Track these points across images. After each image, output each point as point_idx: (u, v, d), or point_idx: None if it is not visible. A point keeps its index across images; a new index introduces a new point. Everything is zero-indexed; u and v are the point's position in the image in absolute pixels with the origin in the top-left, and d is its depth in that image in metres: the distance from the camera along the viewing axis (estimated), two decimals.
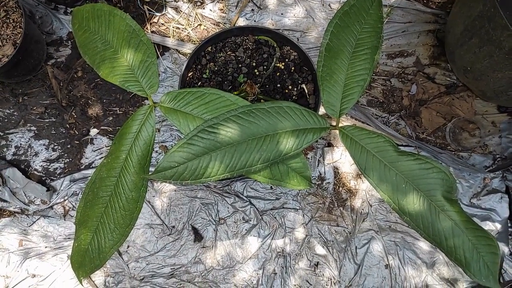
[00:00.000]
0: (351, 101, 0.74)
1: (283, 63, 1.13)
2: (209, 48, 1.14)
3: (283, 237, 1.32)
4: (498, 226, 1.31)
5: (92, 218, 0.76)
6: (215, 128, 0.68)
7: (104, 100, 1.40)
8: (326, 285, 1.29)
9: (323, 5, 1.46)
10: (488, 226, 1.31)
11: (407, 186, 0.68)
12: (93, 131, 1.38)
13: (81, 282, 0.78)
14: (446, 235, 0.66)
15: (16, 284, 1.28)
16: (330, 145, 1.39)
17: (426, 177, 0.68)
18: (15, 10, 1.23)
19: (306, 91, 1.10)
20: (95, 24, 0.78)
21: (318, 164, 1.37)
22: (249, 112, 0.70)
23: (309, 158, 1.38)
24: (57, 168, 1.37)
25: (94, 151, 1.37)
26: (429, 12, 1.44)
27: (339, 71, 0.76)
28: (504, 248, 1.29)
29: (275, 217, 1.33)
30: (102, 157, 1.37)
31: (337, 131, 1.36)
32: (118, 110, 1.40)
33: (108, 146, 1.38)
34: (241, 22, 1.46)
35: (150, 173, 0.69)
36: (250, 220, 1.32)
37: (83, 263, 0.77)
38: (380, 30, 0.79)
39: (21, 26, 1.21)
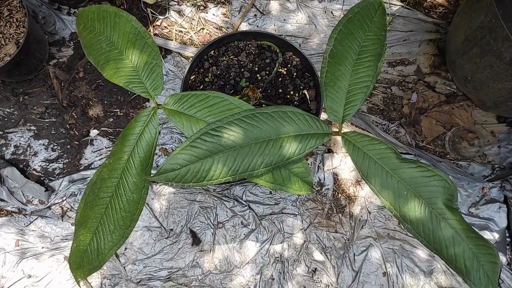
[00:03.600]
0: (354, 107, 0.75)
1: (285, 69, 1.13)
2: (212, 52, 1.15)
3: (281, 243, 1.31)
4: (496, 236, 1.31)
5: (92, 218, 0.76)
6: (219, 131, 0.69)
7: (105, 102, 1.40)
8: None
9: (325, 12, 1.47)
10: (486, 235, 1.31)
11: (409, 193, 0.68)
12: (93, 132, 1.38)
13: (78, 284, 0.77)
14: (447, 243, 0.66)
15: (12, 285, 1.27)
16: (330, 151, 1.39)
17: (427, 185, 0.68)
18: (18, 9, 1.23)
19: (308, 97, 1.10)
20: (101, 25, 0.78)
21: (318, 170, 1.37)
22: (252, 116, 0.70)
23: (309, 163, 1.38)
24: (56, 168, 1.36)
25: (93, 152, 1.37)
26: (430, 21, 1.45)
27: (342, 77, 0.76)
28: (501, 258, 1.30)
29: (273, 222, 1.33)
30: (101, 158, 1.37)
31: (337, 137, 1.37)
32: (119, 112, 1.39)
33: (108, 147, 1.38)
34: (244, 27, 1.46)
35: (152, 175, 0.69)
36: (249, 225, 1.32)
37: (82, 264, 0.76)
38: (383, 38, 0.79)
39: (25, 25, 1.21)
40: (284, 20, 1.47)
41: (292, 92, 1.11)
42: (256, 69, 1.13)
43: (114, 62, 0.74)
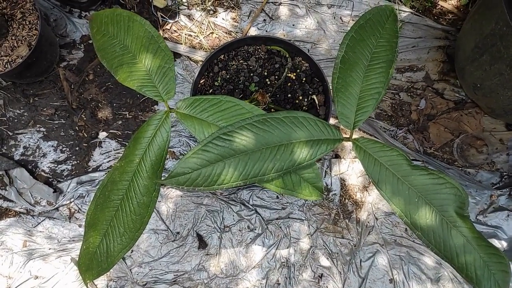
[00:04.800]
0: (365, 113, 0.75)
1: (294, 74, 1.13)
2: (222, 56, 1.15)
3: (287, 247, 1.31)
4: (504, 244, 1.30)
5: (102, 221, 0.76)
6: (230, 136, 0.69)
7: (114, 104, 1.41)
8: None
9: (334, 17, 1.48)
10: (494, 244, 1.30)
11: (420, 200, 0.68)
12: (102, 134, 1.39)
13: (86, 285, 0.77)
14: (458, 251, 0.66)
15: (19, 285, 1.27)
16: (337, 156, 1.39)
17: (439, 192, 0.68)
18: (31, 12, 1.24)
19: (317, 102, 1.11)
20: (114, 29, 0.79)
21: (325, 175, 1.37)
22: (264, 121, 0.70)
23: None
24: (64, 170, 1.37)
25: (102, 154, 1.38)
26: (440, 28, 1.45)
27: (354, 83, 0.76)
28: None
29: (280, 227, 1.32)
30: (110, 161, 1.38)
31: (345, 143, 1.37)
32: (127, 115, 1.40)
33: (117, 149, 1.38)
34: (253, 32, 1.47)
35: (163, 178, 0.69)
36: (255, 229, 1.32)
37: (91, 266, 0.76)
38: (395, 45, 0.79)
39: (37, 28, 1.23)
40: (293, 25, 1.47)
41: (301, 97, 1.12)
42: (266, 73, 1.13)
43: (127, 65, 0.75)
